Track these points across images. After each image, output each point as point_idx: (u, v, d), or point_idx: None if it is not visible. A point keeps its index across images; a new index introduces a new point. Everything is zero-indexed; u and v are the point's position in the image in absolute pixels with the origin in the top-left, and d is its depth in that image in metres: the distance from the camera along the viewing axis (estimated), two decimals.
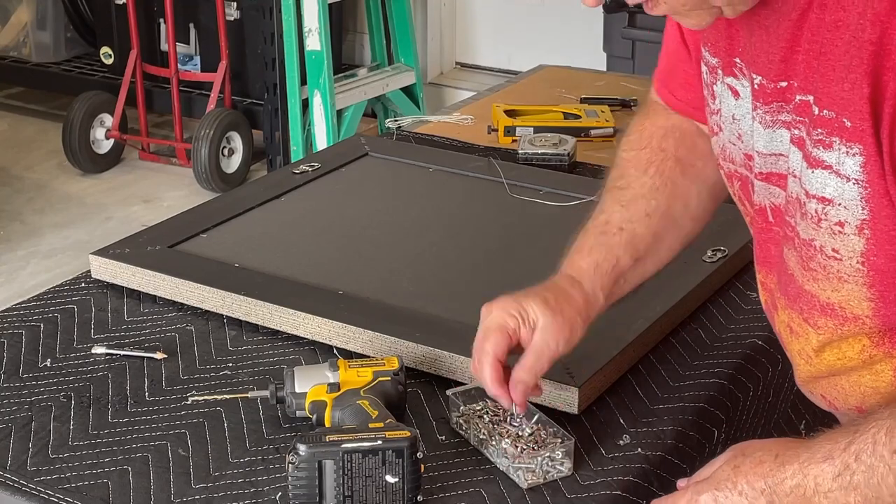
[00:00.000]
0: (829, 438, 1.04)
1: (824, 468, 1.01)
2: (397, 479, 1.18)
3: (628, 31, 3.99)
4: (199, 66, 4.54)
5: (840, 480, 1.00)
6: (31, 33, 4.96)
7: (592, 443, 1.32)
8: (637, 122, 1.45)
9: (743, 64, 1.19)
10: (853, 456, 1.00)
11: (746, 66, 1.18)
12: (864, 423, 1.02)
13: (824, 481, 1.01)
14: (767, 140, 1.18)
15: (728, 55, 1.21)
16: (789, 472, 1.03)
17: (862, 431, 1.01)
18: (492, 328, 1.26)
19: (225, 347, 1.50)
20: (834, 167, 1.08)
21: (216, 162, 4.24)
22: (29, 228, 4.09)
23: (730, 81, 1.22)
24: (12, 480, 1.25)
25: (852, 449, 1.00)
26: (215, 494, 1.23)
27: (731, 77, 1.22)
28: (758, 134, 1.19)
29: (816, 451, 1.03)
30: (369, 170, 2.03)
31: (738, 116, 1.23)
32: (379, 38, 4.60)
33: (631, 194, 1.37)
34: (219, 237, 1.75)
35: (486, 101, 2.41)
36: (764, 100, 1.16)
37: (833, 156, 1.08)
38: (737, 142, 1.24)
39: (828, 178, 1.09)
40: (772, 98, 1.15)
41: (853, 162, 1.07)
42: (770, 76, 1.15)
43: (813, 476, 1.02)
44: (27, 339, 1.53)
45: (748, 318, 1.57)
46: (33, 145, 4.79)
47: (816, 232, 1.12)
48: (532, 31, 4.77)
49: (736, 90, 1.22)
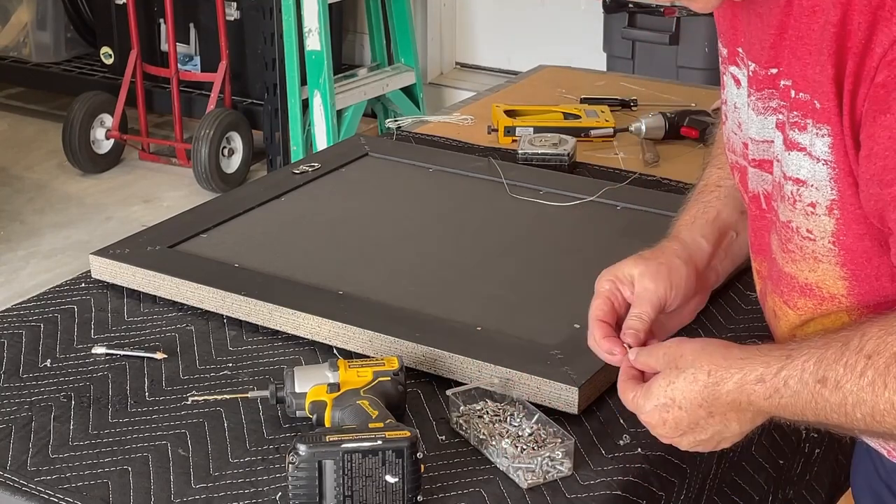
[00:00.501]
0: (763, 360, 1.09)
1: (756, 389, 1.09)
2: (397, 479, 1.18)
3: (628, 31, 3.99)
4: (199, 67, 4.54)
5: (770, 401, 1.09)
6: (31, 33, 4.97)
7: (592, 443, 1.32)
8: None
9: (744, 52, 1.20)
10: (783, 381, 1.07)
11: (746, 54, 1.19)
12: (798, 350, 1.08)
13: (756, 399, 1.09)
14: (759, 127, 1.19)
15: (733, 44, 1.22)
16: (724, 389, 1.11)
17: (794, 358, 1.07)
18: (594, 298, 1.28)
19: (225, 347, 1.50)
20: (808, 149, 1.10)
21: (216, 162, 4.25)
22: (29, 228, 4.09)
23: (733, 70, 1.23)
24: (12, 480, 1.25)
25: (782, 374, 1.07)
26: (215, 494, 1.23)
27: (734, 66, 1.23)
28: (751, 121, 1.20)
29: (749, 371, 1.09)
30: (369, 170, 2.03)
31: (738, 105, 1.24)
32: (379, 38, 4.60)
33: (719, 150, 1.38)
34: (219, 237, 1.75)
35: (486, 102, 2.41)
36: (757, 87, 1.17)
37: (807, 138, 1.09)
38: (737, 130, 1.25)
39: (802, 160, 1.11)
40: (763, 85, 1.16)
41: (822, 143, 1.08)
42: (762, 63, 1.16)
43: (747, 394, 1.10)
44: (27, 339, 1.53)
45: (748, 318, 1.57)
46: (33, 145, 4.79)
47: (793, 213, 1.14)
48: (532, 31, 4.77)
49: (738, 79, 1.23)
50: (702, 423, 1.14)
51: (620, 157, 2.12)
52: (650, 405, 1.15)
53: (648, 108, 2.32)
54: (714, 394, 1.11)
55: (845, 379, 1.03)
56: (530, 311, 1.54)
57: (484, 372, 1.39)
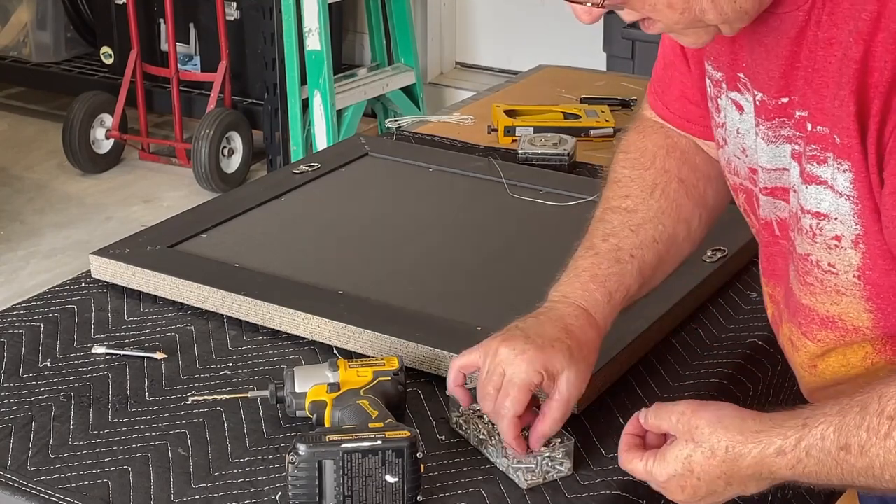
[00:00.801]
0: (779, 432, 1.07)
1: (777, 461, 1.07)
2: (397, 479, 1.18)
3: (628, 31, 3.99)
4: (199, 66, 4.54)
5: (793, 471, 1.07)
6: (31, 33, 4.96)
7: (592, 443, 1.32)
8: (634, 139, 1.43)
9: (747, 79, 1.19)
10: (804, 451, 1.05)
11: (750, 81, 1.19)
12: (813, 418, 1.06)
13: (778, 470, 1.08)
14: (771, 155, 1.18)
15: (732, 70, 1.21)
16: (744, 464, 1.09)
17: (811, 426, 1.06)
18: (516, 384, 1.23)
19: (225, 347, 1.50)
20: (829, 182, 1.09)
21: (216, 162, 4.24)
22: (29, 228, 4.09)
23: (734, 96, 1.23)
24: (12, 480, 1.25)
25: (803, 445, 1.06)
26: (215, 494, 1.23)
27: (736, 92, 1.22)
28: (761, 150, 1.19)
29: (768, 445, 1.07)
30: (369, 170, 2.03)
31: (742, 131, 1.23)
32: (379, 38, 4.60)
33: (640, 218, 1.36)
34: (219, 237, 1.75)
35: (486, 101, 2.41)
36: (766, 116, 1.17)
37: (828, 171, 1.09)
38: (741, 155, 1.25)
39: (823, 194, 1.10)
40: (774, 114, 1.16)
41: (844, 178, 1.08)
42: (771, 92, 1.15)
43: (768, 466, 1.08)
44: (27, 339, 1.53)
45: (748, 318, 1.57)
46: (33, 145, 4.79)
47: (812, 247, 1.13)
48: (532, 31, 4.76)
49: (740, 105, 1.22)
50: (720, 490, 1.12)
51: None
52: (666, 474, 1.13)
53: None
54: (733, 468, 1.09)
55: (870, 443, 1.02)
56: (530, 311, 1.54)
57: None
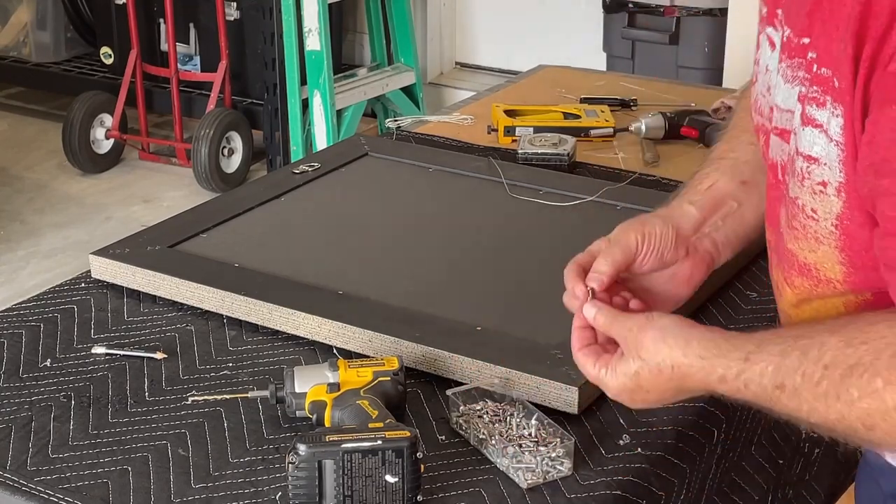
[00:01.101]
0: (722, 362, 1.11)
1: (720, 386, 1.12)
2: (397, 479, 1.18)
3: (628, 31, 3.99)
4: (199, 66, 4.54)
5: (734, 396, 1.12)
6: (31, 33, 4.97)
7: (592, 443, 1.32)
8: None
9: (783, 15, 1.18)
10: (743, 383, 1.10)
11: (784, 17, 1.18)
12: (756, 354, 1.09)
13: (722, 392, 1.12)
14: (785, 95, 1.17)
15: (774, 4, 1.21)
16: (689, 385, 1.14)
17: (753, 362, 1.09)
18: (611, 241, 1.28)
19: (225, 347, 1.50)
20: (824, 126, 1.09)
21: (216, 162, 4.25)
22: (29, 228, 4.09)
23: (770, 32, 1.22)
24: (12, 480, 1.26)
25: (742, 378, 1.09)
26: (215, 494, 1.23)
27: (771, 27, 1.21)
28: (778, 88, 1.18)
29: (710, 372, 1.11)
30: (369, 170, 2.03)
31: (770, 68, 1.22)
32: (379, 38, 4.60)
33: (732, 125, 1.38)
34: (219, 237, 1.75)
35: (486, 101, 2.41)
36: (788, 54, 1.16)
37: (825, 115, 1.09)
38: (766, 94, 1.23)
39: (817, 137, 1.10)
40: (794, 53, 1.15)
41: (836, 123, 1.07)
42: (796, 30, 1.14)
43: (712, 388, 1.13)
44: (27, 339, 1.53)
45: (748, 318, 1.57)
46: (33, 145, 4.79)
47: (800, 190, 1.13)
48: (532, 31, 4.77)
49: (773, 41, 1.21)
50: (670, 398, 1.18)
51: (620, 157, 2.12)
52: (616, 387, 1.18)
53: (648, 108, 2.32)
54: (680, 384, 1.14)
55: (803, 387, 1.05)
56: (530, 311, 1.54)
57: (484, 372, 1.39)
